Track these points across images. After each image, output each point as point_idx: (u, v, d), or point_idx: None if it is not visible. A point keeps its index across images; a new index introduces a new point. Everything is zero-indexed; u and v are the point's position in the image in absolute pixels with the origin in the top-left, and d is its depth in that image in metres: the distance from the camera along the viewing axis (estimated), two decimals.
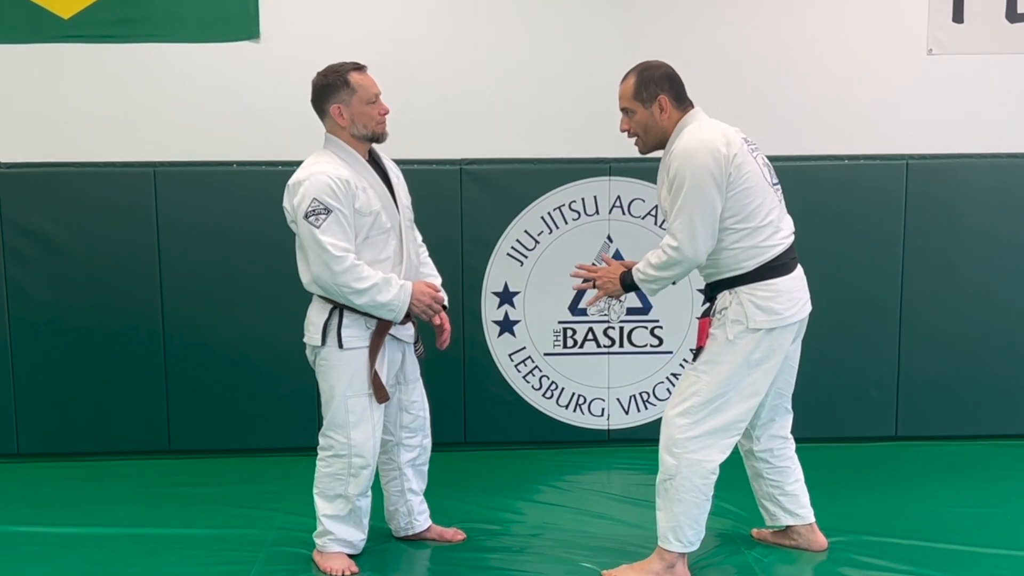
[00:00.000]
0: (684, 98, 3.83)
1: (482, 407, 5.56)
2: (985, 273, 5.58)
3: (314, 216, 3.72)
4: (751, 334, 3.72)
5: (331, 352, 3.87)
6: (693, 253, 3.68)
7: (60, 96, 5.51)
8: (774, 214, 3.76)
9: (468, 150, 5.34)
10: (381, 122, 3.89)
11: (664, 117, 3.78)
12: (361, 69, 3.87)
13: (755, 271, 3.73)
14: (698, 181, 3.62)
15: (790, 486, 4.09)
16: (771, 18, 5.67)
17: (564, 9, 5.63)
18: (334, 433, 3.93)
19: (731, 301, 3.76)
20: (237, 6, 5.43)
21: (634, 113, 3.82)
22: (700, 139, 3.67)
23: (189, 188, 5.35)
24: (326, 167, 3.78)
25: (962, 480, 5.04)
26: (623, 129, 3.90)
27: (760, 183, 3.71)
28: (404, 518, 4.27)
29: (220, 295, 5.40)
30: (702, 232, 3.65)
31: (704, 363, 3.80)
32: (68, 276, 5.34)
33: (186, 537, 4.36)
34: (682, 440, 3.76)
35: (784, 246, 3.77)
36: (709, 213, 3.64)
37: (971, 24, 5.69)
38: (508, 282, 5.50)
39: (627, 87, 3.83)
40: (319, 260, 3.73)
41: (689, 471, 3.76)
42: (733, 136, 3.72)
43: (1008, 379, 5.66)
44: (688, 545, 3.84)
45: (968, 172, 5.56)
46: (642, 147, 3.90)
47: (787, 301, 3.74)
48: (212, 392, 5.44)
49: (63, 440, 5.46)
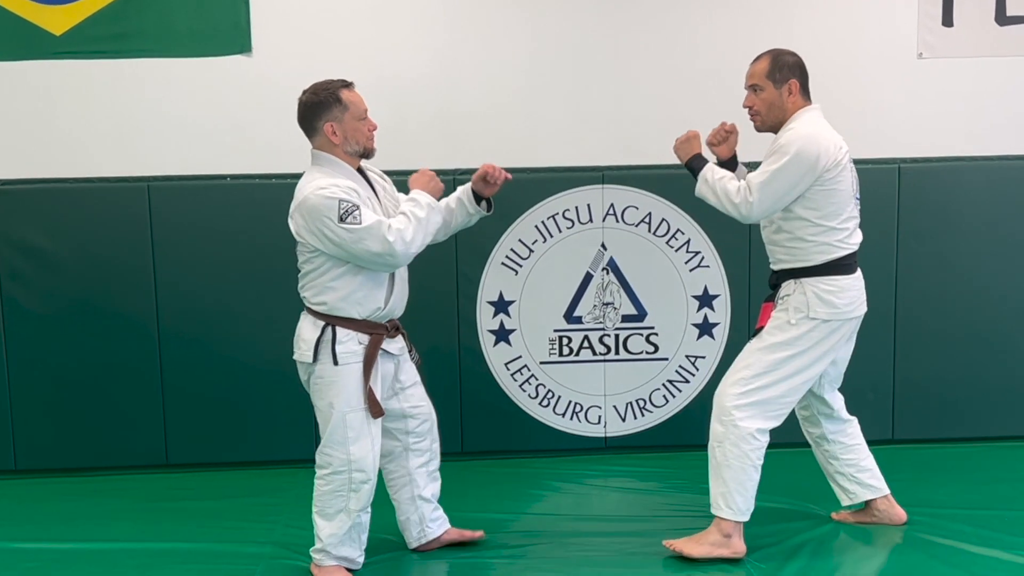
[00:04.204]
0: (808, 92, 4.14)
1: (479, 416, 5.56)
2: (979, 275, 5.60)
3: (349, 216, 3.72)
4: (809, 322, 4.04)
5: (326, 369, 3.88)
6: (748, 211, 4.01)
7: (53, 112, 5.52)
8: (851, 223, 4.11)
9: (461, 160, 5.35)
10: (371, 138, 3.93)
11: (790, 100, 4.08)
12: (350, 86, 3.90)
13: (822, 266, 4.06)
14: (801, 159, 3.92)
15: (864, 461, 4.40)
16: (762, 23, 5.68)
17: (557, 19, 5.64)
18: (333, 450, 3.93)
19: (795, 290, 4.09)
20: (229, 20, 5.44)
21: (763, 90, 4.10)
22: (822, 132, 4.01)
23: (183, 202, 5.35)
24: (331, 180, 3.79)
25: (959, 483, 5.05)
26: (746, 105, 4.15)
27: (846, 191, 4.05)
28: (416, 526, 4.27)
29: (216, 308, 5.40)
30: (771, 200, 3.98)
31: (759, 340, 4.12)
32: (63, 291, 5.34)
33: (185, 551, 4.35)
34: (730, 408, 4.06)
35: (852, 249, 4.11)
36: (789, 190, 3.97)
37: (961, 28, 5.71)
38: (503, 291, 5.51)
39: (761, 65, 4.11)
40: (380, 242, 3.74)
41: (736, 436, 4.03)
42: (843, 144, 4.04)
43: (1004, 381, 5.67)
44: (739, 513, 4.07)
45: (960, 175, 5.58)
46: (760, 124, 4.16)
47: (846, 297, 4.07)
48: (209, 405, 5.44)
49: (61, 456, 5.45)
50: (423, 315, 5.16)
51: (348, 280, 3.85)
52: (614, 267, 5.52)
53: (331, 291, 3.86)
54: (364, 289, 3.87)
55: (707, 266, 5.54)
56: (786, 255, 4.14)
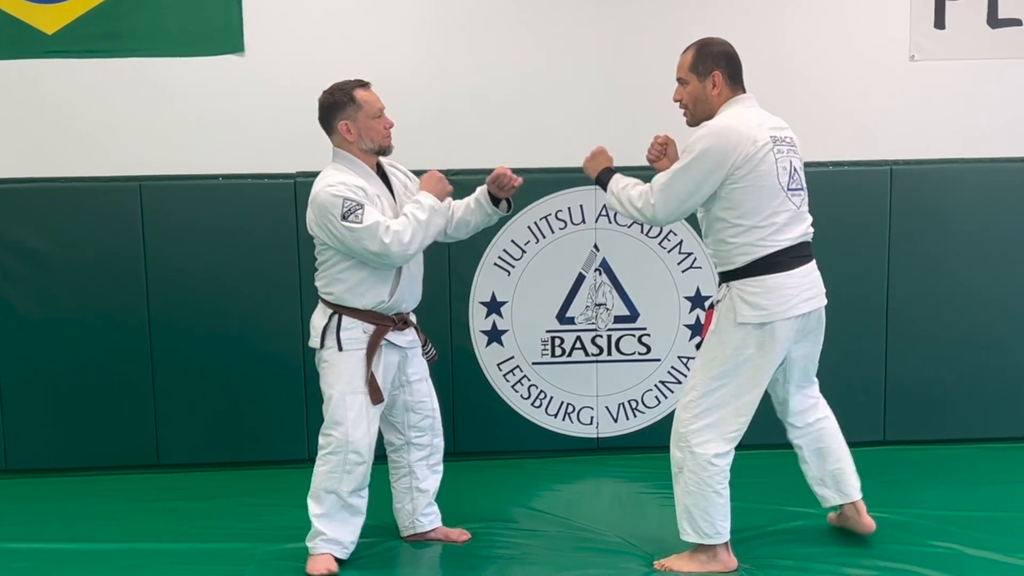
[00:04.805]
0: (738, 81, 3.92)
1: (471, 417, 5.56)
2: (970, 277, 5.61)
3: (352, 214, 3.88)
4: (740, 329, 3.81)
5: (331, 354, 4.05)
6: (652, 214, 3.85)
7: (45, 111, 5.51)
8: (780, 218, 3.79)
9: (454, 161, 5.34)
10: (387, 136, 4.08)
11: (715, 93, 3.87)
12: (365, 86, 4.08)
13: (745, 267, 3.80)
14: (707, 157, 3.72)
15: (833, 464, 4.18)
16: (755, 26, 5.69)
17: (550, 20, 5.65)
18: (332, 430, 4.07)
19: (724, 295, 3.88)
20: (221, 20, 5.44)
21: (687, 84, 3.91)
22: (730, 124, 3.76)
23: (175, 202, 5.34)
24: (342, 177, 3.96)
25: (950, 484, 5.05)
26: (675, 99, 3.98)
27: (769, 185, 3.76)
28: (408, 517, 4.38)
29: (207, 308, 5.38)
30: (674, 202, 3.80)
31: (700, 357, 3.94)
32: (53, 290, 5.33)
33: (176, 551, 4.35)
34: (684, 433, 3.91)
35: (782, 246, 3.80)
36: (694, 191, 3.77)
37: (953, 30, 5.72)
38: (496, 292, 5.51)
39: (686, 58, 3.93)
40: (377, 243, 3.87)
41: (693, 463, 3.88)
42: (762, 133, 3.77)
43: (995, 382, 5.68)
44: (704, 536, 3.94)
45: (952, 177, 5.58)
46: (689, 119, 3.97)
47: (778, 297, 3.79)
48: (200, 406, 5.43)
49: (52, 456, 5.43)
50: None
51: (354, 273, 4.02)
52: (607, 268, 5.53)
53: (339, 282, 4.04)
54: (369, 282, 4.04)
55: (699, 267, 5.54)
56: (715, 258, 3.96)
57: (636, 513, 4.79)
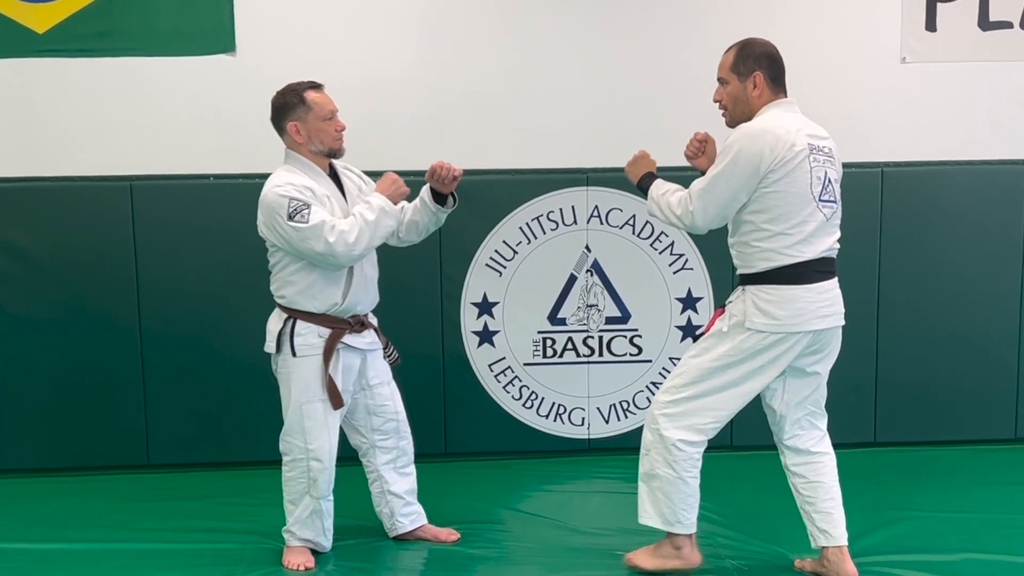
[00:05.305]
0: (780, 83, 3.83)
1: (462, 418, 5.56)
2: (961, 278, 5.63)
3: (298, 214, 3.84)
4: (744, 331, 3.74)
5: (286, 360, 4.04)
6: (691, 222, 3.77)
7: (36, 110, 5.49)
8: (808, 227, 3.70)
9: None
10: (338, 138, 4.03)
11: (755, 94, 3.79)
12: (318, 87, 4.02)
13: (764, 273, 3.73)
14: (742, 160, 3.64)
15: (824, 503, 3.92)
16: (746, 27, 5.62)
17: (541, 20, 5.64)
18: (292, 438, 4.10)
19: (738, 297, 3.81)
20: (213, 19, 5.43)
21: (728, 84, 3.83)
22: (767, 127, 3.67)
23: (166, 201, 5.33)
24: (290, 177, 3.94)
25: (941, 486, 5.07)
26: (715, 100, 3.91)
27: (800, 193, 3.67)
28: (388, 519, 4.40)
29: (198, 308, 5.38)
30: (713, 208, 3.72)
31: (696, 347, 3.89)
32: (44, 290, 5.32)
33: (166, 551, 4.34)
34: (657, 415, 3.87)
35: (805, 258, 3.71)
36: (734, 195, 3.69)
37: (944, 32, 5.73)
38: (487, 292, 5.51)
39: (727, 58, 3.85)
40: (322, 242, 3.83)
41: (661, 446, 3.83)
42: (800, 139, 3.68)
43: (985, 384, 5.69)
44: (665, 523, 3.88)
45: (943, 179, 5.60)
46: (728, 119, 3.88)
47: (790, 309, 3.70)
48: (191, 406, 5.42)
49: (42, 456, 5.42)
50: (406, 316, 5.18)
51: (304, 275, 3.99)
52: (598, 269, 5.53)
53: (290, 285, 4.02)
54: (319, 284, 3.99)
55: (691, 268, 5.54)
56: (737, 260, 3.86)
57: (627, 514, 4.78)
